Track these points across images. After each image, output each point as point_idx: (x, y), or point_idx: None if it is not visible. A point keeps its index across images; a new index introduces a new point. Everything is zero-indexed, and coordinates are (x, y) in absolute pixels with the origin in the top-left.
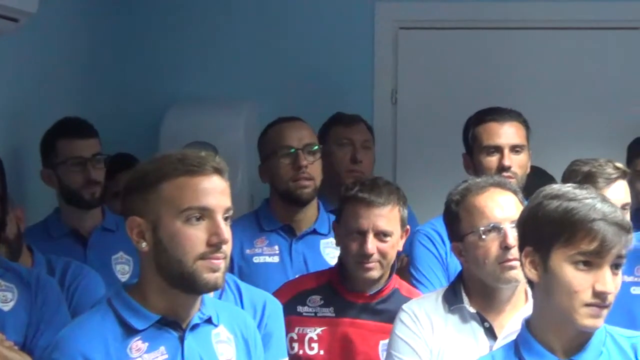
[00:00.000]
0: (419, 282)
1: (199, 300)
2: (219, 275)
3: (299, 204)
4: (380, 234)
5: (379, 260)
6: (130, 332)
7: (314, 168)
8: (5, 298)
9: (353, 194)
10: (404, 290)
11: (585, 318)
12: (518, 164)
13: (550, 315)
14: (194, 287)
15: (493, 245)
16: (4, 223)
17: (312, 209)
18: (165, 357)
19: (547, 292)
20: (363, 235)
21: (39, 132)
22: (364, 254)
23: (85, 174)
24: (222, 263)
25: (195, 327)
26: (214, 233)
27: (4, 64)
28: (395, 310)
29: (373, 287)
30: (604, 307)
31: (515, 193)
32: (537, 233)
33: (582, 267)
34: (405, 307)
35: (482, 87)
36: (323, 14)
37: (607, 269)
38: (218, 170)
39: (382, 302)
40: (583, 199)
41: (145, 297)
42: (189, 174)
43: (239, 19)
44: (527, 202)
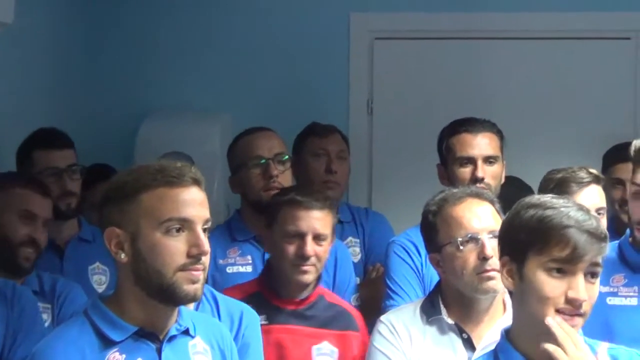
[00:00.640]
0: (395, 292)
1: (176, 312)
2: (198, 287)
3: None
4: (317, 237)
5: (315, 264)
6: (108, 343)
7: (285, 177)
8: None
9: (290, 198)
10: (328, 297)
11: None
12: (491, 175)
13: (527, 324)
14: (174, 298)
15: (471, 256)
16: None
17: None
18: None
19: (522, 300)
20: (302, 238)
21: (15, 142)
22: (303, 256)
23: (61, 185)
24: (201, 274)
25: (173, 338)
26: (194, 244)
27: None
28: (323, 315)
29: (303, 292)
30: (577, 315)
31: (493, 203)
32: (513, 242)
33: (555, 274)
34: (383, 318)
35: (457, 97)
36: (298, 25)
37: (580, 277)
38: (197, 182)
39: (310, 307)
40: (559, 207)
41: (123, 308)
42: (169, 185)
43: (215, 30)
44: (503, 212)
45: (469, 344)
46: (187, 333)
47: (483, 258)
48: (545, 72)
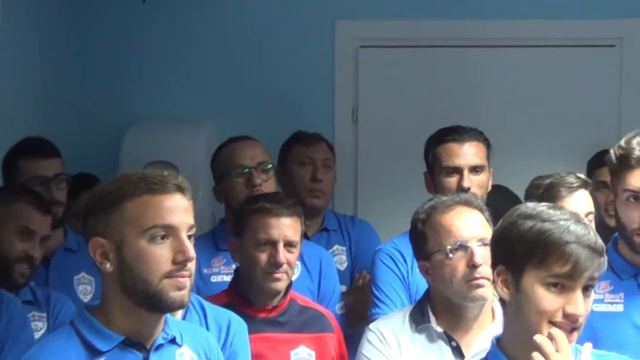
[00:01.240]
0: (381, 301)
1: (163, 321)
2: (185, 293)
3: None
4: (288, 244)
5: (287, 271)
6: (94, 353)
7: (268, 186)
8: None
9: (259, 206)
10: (300, 300)
11: None
12: (477, 185)
13: (521, 334)
14: (160, 306)
15: (460, 264)
16: None
17: None
18: None
19: (518, 311)
20: (273, 246)
21: (0, 151)
22: (275, 264)
23: (48, 194)
24: (187, 281)
25: (159, 347)
26: (180, 251)
27: None
28: (297, 320)
29: (275, 299)
30: (573, 329)
31: (482, 211)
32: (510, 253)
33: (553, 289)
34: (372, 326)
35: (443, 105)
36: (284, 33)
37: (578, 292)
38: (180, 189)
39: (283, 313)
40: (557, 220)
41: (109, 317)
42: (152, 193)
43: (201, 39)
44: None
45: (458, 352)
46: (173, 342)
47: (472, 266)
48: (531, 79)
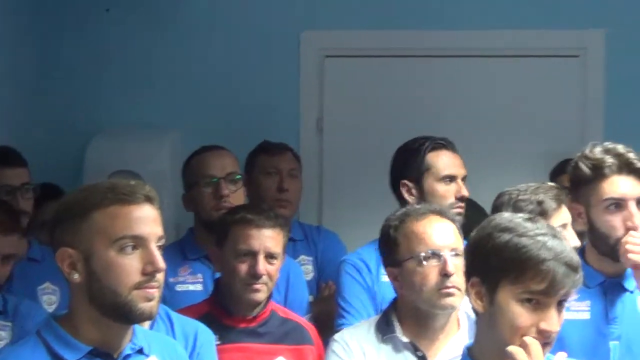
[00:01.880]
0: (347, 311)
1: (131, 331)
2: (154, 304)
3: None
4: (269, 256)
5: (267, 282)
6: None
7: (236, 197)
8: None
9: (241, 217)
10: (281, 312)
11: None
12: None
13: (493, 345)
14: (129, 317)
15: (432, 272)
16: None
17: None
18: None
19: (491, 323)
20: (254, 257)
21: None
22: (255, 275)
23: (14, 204)
24: (156, 292)
25: (127, 357)
26: (149, 262)
27: None
28: (277, 331)
29: (255, 310)
30: (546, 344)
31: (454, 222)
32: (485, 265)
33: (528, 304)
34: (337, 337)
35: (407, 115)
36: (249, 42)
37: (553, 309)
38: (149, 199)
39: (263, 324)
40: (534, 235)
41: (76, 328)
42: (121, 203)
43: (164, 47)
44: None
45: None
46: (141, 352)
47: (445, 275)
48: (495, 89)
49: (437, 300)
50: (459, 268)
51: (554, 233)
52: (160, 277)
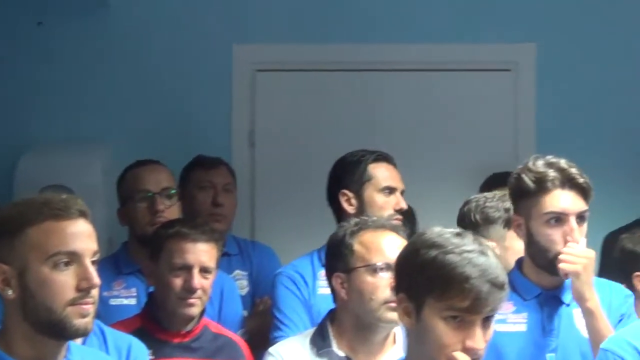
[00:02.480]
0: (283, 324)
1: (65, 347)
2: (89, 321)
3: None
4: (204, 270)
5: (201, 297)
6: None
7: (171, 212)
8: None
9: (176, 231)
10: (213, 327)
11: None
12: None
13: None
14: (64, 333)
15: (383, 284)
16: None
17: None
18: None
19: (419, 340)
20: (188, 271)
21: None
22: (190, 289)
23: None
24: (91, 308)
25: None
26: (84, 278)
27: None
28: (209, 346)
29: (189, 324)
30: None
31: (405, 239)
32: (411, 282)
33: (453, 322)
34: (272, 350)
35: (340, 129)
36: (181, 56)
37: (478, 326)
38: (84, 214)
39: (196, 339)
40: (461, 252)
41: (10, 344)
42: (55, 218)
43: (97, 62)
44: None
45: None
46: None
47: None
48: (428, 103)
49: (382, 313)
50: None
51: (482, 249)
52: (95, 292)
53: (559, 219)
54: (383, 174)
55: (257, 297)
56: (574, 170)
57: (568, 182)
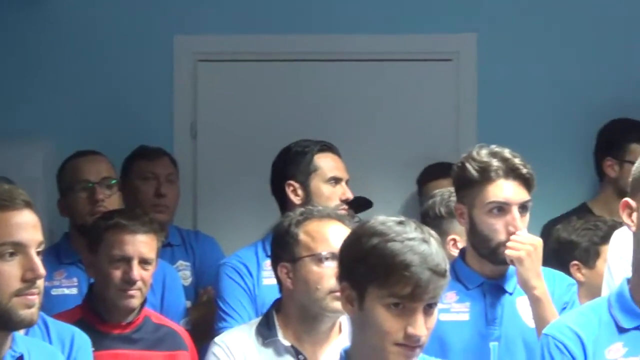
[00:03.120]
0: (227, 314)
1: (10, 338)
2: (34, 311)
3: None
4: (143, 262)
5: (141, 288)
6: None
7: (112, 202)
8: None
9: (115, 222)
10: (154, 318)
11: (397, 357)
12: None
13: (366, 348)
14: (9, 324)
15: (329, 273)
16: None
17: None
18: None
19: (362, 327)
20: (128, 263)
21: None
22: (130, 281)
23: None
24: (37, 298)
25: None
26: (29, 268)
27: None
28: (151, 337)
29: (129, 316)
30: (416, 347)
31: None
32: (353, 270)
33: (394, 309)
34: (218, 340)
35: (281, 119)
36: (122, 46)
37: (419, 313)
38: (29, 204)
39: (137, 330)
40: (403, 240)
41: None
42: (0, 209)
43: (39, 54)
44: None
45: None
46: (21, 359)
47: None
48: (369, 93)
49: (328, 303)
50: None
51: (424, 237)
52: (41, 283)
53: (502, 209)
54: (329, 165)
55: (200, 287)
56: (518, 161)
57: (511, 172)
